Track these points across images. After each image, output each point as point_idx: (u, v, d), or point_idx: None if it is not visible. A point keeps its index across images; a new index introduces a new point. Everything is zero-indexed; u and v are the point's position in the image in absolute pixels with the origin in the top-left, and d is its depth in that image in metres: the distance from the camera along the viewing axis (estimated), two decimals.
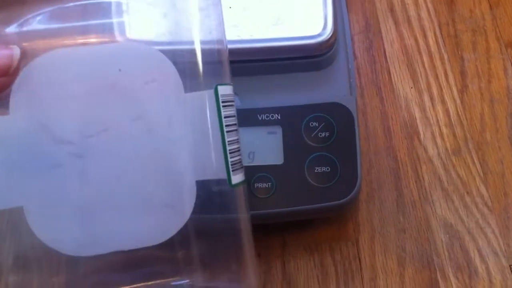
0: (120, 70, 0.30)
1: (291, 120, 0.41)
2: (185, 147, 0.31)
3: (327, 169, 0.40)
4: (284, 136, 0.41)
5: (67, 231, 0.30)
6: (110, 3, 0.32)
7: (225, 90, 0.32)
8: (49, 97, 0.30)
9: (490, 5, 0.53)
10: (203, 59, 0.32)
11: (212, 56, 0.32)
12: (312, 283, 0.41)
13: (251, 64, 0.42)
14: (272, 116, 0.41)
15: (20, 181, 0.30)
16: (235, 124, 0.32)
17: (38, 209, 0.30)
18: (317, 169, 0.40)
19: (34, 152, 0.30)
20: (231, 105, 0.32)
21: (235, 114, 0.33)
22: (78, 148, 0.30)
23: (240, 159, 0.33)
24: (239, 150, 0.33)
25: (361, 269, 0.41)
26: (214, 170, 0.31)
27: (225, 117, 0.31)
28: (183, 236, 0.31)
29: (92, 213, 0.30)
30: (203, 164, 0.31)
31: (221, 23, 0.33)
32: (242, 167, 0.33)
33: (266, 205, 0.39)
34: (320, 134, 0.41)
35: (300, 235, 0.43)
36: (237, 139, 0.33)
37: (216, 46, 0.32)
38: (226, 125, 0.31)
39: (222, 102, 0.31)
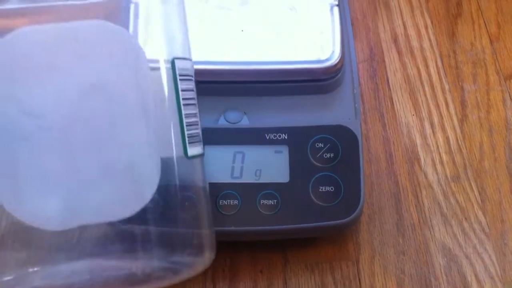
0: (78, 41, 0.31)
1: (297, 140, 0.42)
2: (143, 120, 0.32)
3: (331, 188, 0.41)
4: (291, 156, 0.42)
5: (38, 204, 0.31)
6: None
7: (183, 64, 0.34)
8: (16, 70, 0.31)
9: (490, 39, 0.55)
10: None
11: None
12: None
13: (260, 85, 0.44)
14: (279, 136, 0.42)
15: None
16: (193, 99, 0.34)
17: (9, 185, 0.30)
18: (322, 189, 0.41)
19: (2, 124, 0.30)
20: (189, 79, 0.34)
21: (193, 89, 0.35)
22: (47, 120, 0.31)
23: (198, 132, 0.34)
24: (197, 124, 0.34)
25: None
26: (172, 144, 0.33)
27: (182, 90, 0.33)
28: (145, 211, 0.31)
29: (61, 186, 0.31)
30: (163, 138, 0.32)
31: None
32: (200, 141, 0.34)
33: (271, 222, 0.40)
34: (325, 155, 0.42)
35: (302, 253, 0.44)
36: (195, 113, 0.34)
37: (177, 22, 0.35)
38: (183, 98, 0.33)
39: (180, 75, 0.33)
